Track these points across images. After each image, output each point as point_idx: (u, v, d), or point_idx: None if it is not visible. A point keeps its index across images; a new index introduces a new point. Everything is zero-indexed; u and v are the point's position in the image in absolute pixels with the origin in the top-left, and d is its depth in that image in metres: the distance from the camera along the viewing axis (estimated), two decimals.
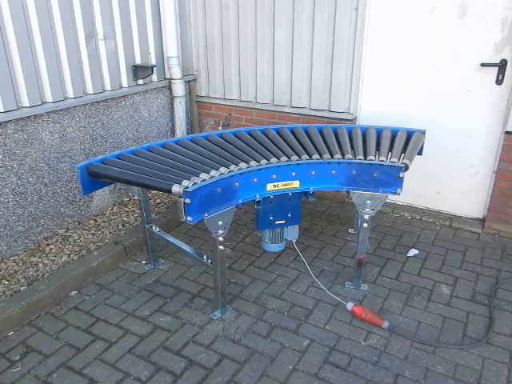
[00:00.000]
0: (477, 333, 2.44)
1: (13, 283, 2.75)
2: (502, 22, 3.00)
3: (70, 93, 3.23)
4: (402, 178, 2.46)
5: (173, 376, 2.17)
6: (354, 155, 2.65)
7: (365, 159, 2.58)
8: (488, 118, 3.26)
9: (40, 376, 2.18)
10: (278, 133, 2.99)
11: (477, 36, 3.11)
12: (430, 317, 2.56)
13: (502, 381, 2.13)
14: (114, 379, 2.15)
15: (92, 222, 3.51)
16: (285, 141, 2.86)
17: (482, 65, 3.12)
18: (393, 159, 2.57)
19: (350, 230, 3.52)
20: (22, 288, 2.70)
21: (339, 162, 2.52)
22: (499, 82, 3.12)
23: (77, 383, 2.14)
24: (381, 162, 2.49)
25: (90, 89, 3.37)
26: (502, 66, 3.07)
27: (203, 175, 2.30)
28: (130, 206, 3.79)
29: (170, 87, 4.08)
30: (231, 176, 2.31)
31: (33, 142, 3.04)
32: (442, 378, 2.15)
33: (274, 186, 2.50)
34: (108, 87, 3.52)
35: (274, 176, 2.46)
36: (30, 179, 3.07)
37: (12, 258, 3.00)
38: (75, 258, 3.01)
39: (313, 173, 2.52)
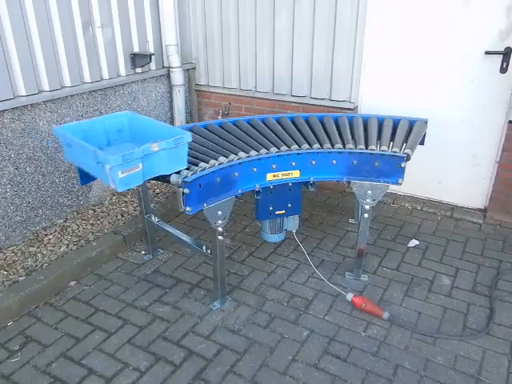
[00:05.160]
0: (477, 324, 2.43)
1: (11, 273, 2.73)
2: (507, 9, 2.94)
3: (67, 81, 3.18)
4: (403, 168, 2.43)
5: (172, 366, 2.17)
6: (355, 145, 2.62)
7: (366, 149, 2.55)
8: (491, 107, 3.22)
9: (39, 366, 2.18)
10: (278, 122, 2.95)
11: (481, 23, 3.05)
12: (431, 308, 2.55)
13: (503, 372, 2.13)
14: (113, 369, 2.15)
15: (91, 212, 3.49)
16: (285, 130, 2.82)
17: (487, 53, 3.07)
18: (394, 149, 2.54)
19: (350, 220, 3.50)
20: (20, 278, 2.68)
21: (340, 152, 2.49)
22: (503, 70, 3.07)
23: (76, 373, 2.14)
24: (382, 152, 2.46)
25: (87, 77, 3.33)
26: (506, 53, 3.02)
27: (202, 165, 2.27)
28: (129, 196, 3.76)
29: (168, 76, 4.03)
30: (230, 166, 2.29)
31: (30, 132, 3.01)
32: (442, 369, 2.14)
33: (274, 175, 2.47)
34: (106, 76, 3.47)
35: (274, 166, 2.44)
36: (27, 169, 3.04)
37: (10, 249, 2.99)
38: (74, 248, 3.00)
39: (313, 162, 2.49)
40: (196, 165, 2.27)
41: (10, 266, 2.81)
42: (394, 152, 2.48)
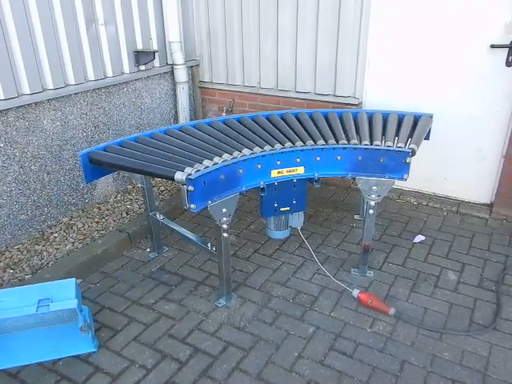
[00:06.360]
0: (484, 319, 2.41)
1: (18, 272, 2.75)
2: None
3: (71, 79, 3.19)
4: (408, 164, 2.42)
5: (178, 363, 2.17)
6: (360, 140, 2.60)
7: (371, 144, 2.53)
8: (497, 102, 3.19)
9: (46, 364, 2.19)
10: (283, 118, 2.94)
11: (487, 16, 3.02)
12: (437, 303, 2.54)
13: (510, 367, 2.11)
14: (120, 367, 2.16)
15: (96, 210, 3.50)
16: (289, 126, 2.81)
17: (492, 46, 3.04)
18: (399, 144, 2.53)
19: (355, 216, 3.49)
20: (26, 276, 2.70)
21: (344, 148, 2.47)
22: (509, 63, 3.04)
23: (82, 371, 2.14)
24: (387, 148, 2.45)
25: (91, 75, 3.33)
26: None
27: (206, 162, 2.26)
28: (133, 194, 3.77)
29: (172, 73, 4.02)
30: (235, 163, 2.28)
31: (34, 130, 3.01)
32: (448, 365, 2.13)
33: (279, 172, 2.46)
34: (109, 73, 3.47)
35: (279, 162, 2.42)
36: (32, 167, 3.05)
37: (16, 247, 3.00)
38: (79, 246, 3.01)
39: (318, 159, 2.48)
40: (200, 162, 2.27)
41: (16, 264, 2.83)
42: (400, 147, 2.47)
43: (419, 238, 3.16)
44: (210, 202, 2.21)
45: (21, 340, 2.18)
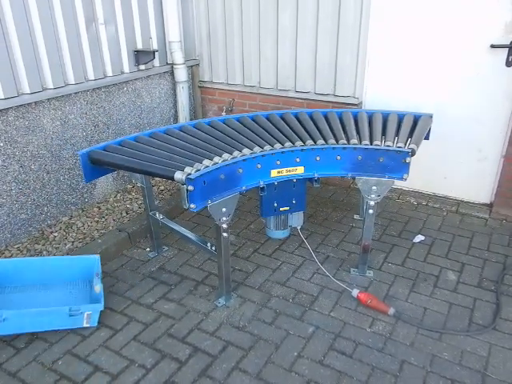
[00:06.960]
0: (484, 319, 2.41)
1: None
2: None
3: (71, 79, 3.19)
4: (408, 164, 2.42)
5: (177, 363, 2.17)
6: (360, 140, 2.60)
7: (371, 144, 2.53)
8: (497, 102, 3.19)
9: (45, 363, 2.19)
10: (282, 118, 2.94)
11: (487, 16, 3.02)
12: (437, 303, 2.54)
13: (509, 367, 2.11)
14: (119, 366, 2.16)
15: (96, 209, 3.50)
16: (289, 126, 2.81)
17: (492, 46, 3.04)
18: (399, 144, 2.53)
19: (355, 216, 3.49)
20: None
21: (344, 148, 2.47)
22: (509, 63, 3.04)
23: (82, 370, 2.14)
24: (387, 147, 2.45)
25: (91, 74, 3.33)
26: None
27: (206, 162, 2.26)
28: (133, 193, 3.77)
29: (172, 72, 4.02)
30: (234, 162, 2.28)
31: (34, 130, 3.01)
32: (448, 365, 2.13)
33: (278, 172, 2.46)
34: (109, 73, 3.47)
35: (278, 162, 2.42)
36: (32, 167, 3.05)
37: (16, 246, 3.00)
38: (79, 245, 3.01)
39: (317, 158, 2.48)
40: (200, 162, 2.27)
41: None
42: (399, 147, 2.47)
43: (419, 237, 3.16)
44: (209, 201, 2.21)
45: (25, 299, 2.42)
